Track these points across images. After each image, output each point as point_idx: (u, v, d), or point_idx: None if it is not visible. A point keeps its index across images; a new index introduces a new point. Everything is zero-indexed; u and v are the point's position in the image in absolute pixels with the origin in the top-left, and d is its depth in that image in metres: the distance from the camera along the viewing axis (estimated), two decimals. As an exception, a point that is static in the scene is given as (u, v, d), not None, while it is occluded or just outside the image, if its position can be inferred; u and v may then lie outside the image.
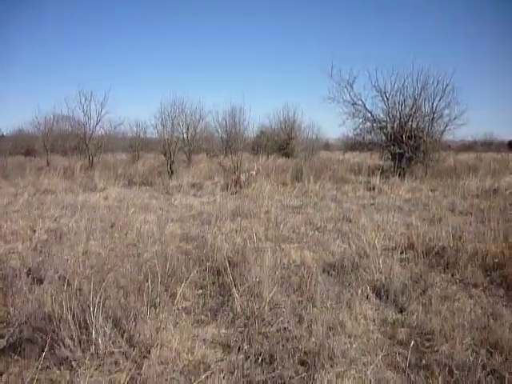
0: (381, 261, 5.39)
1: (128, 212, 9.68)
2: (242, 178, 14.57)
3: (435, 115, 17.81)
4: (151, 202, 11.98)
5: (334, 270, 5.48)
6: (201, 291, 4.81)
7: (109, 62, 53.63)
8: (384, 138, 18.14)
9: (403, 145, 17.00)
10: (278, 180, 15.21)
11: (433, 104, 17.51)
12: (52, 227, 8.47)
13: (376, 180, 14.64)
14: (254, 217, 9.47)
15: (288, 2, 56.32)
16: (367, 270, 5.21)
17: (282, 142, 32.22)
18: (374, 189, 13.93)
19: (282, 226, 8.31)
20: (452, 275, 5.35)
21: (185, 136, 29.69)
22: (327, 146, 39.89)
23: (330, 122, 48.32)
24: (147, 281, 4.86)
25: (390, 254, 5.94)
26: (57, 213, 9.66)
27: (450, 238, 6.42)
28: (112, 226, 8.31)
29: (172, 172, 16.66)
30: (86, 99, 21.60)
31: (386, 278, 4.91)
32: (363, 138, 18.61)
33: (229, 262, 5.48)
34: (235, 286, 4.57)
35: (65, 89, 53.77)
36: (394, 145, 17.25)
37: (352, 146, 19.28)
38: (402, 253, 6.16)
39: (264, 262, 5.49)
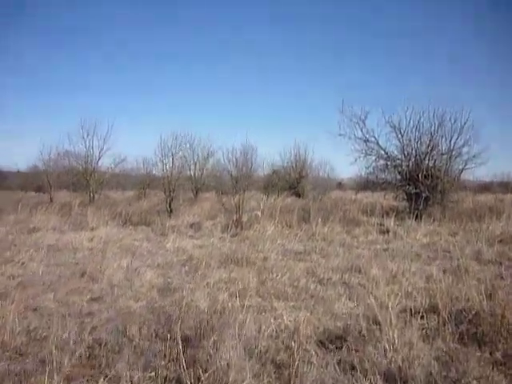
0: (396, 332, 4.14)
1: (108, 256, 8.57)
2: (244, 218, 13.44)
3: (453, 153, 16.64)
4: (141, 244, 10.85)
5: (333, 344, 4.24)
6: (153, 374, 3.60)
7: (113, 97, 53.44)
8: (399, 176, 16.96)
9: (419, 184, 15.79)
10: (283, 221, 14.05)
11: (450, 141, 16.37)
12: (15, 273, 7.36)
13: (390, 222, 13.41)
14: (249, 264, 8.29)
15: (297, 35, 55.81)
16: (378, 346, 3.97)
17: (292, 181, 31.23)
18: (387, 232, 12.67)
19: (279, 276, 7.10)
20: (491, 354, 4.07)
21: (192, 173, 29.07)
22: (340, 186, 38.83)
23: (343, 160, 46.89)
24: (88, 356, 3.71)
25: (407, 318, 4.68)
26: (27, 256, 8.56)
27: (483, 298, 5.17)
28: (83, 274, 7.17)
29: (171, 211, 15.57)
30: (88, 134, 20.89)
31: (403, 359, 3.65)
32: (376, 177, 17.44)
33: (200, 329, 4.29)
34: (196, 370, 3.36)
35: (69, 122, 53.56)
36: (409, 184, 16.05)
37: (365, 185, 18.11)
38: (422, 317, 4.91)
39: (246, 328, 4.30)
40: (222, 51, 56.54)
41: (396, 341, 3.98)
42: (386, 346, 3.92)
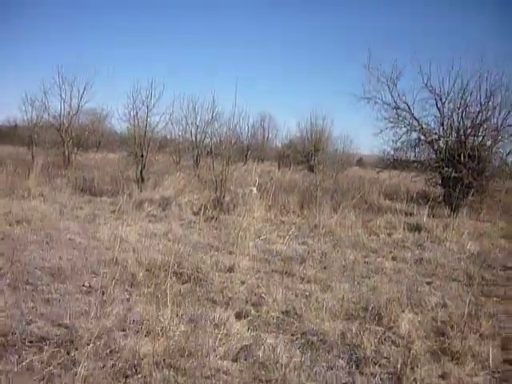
0: None
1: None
2: (228, 197, 10.17)
3: (505, 130, 12.96)
4: (69, 227, 7.67)
5: None
6: None
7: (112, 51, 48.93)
8: (434, 156, 13.38)
9: (461, 167, 12.24)
10: (281, 204, 10.75)
11: (507, 115, 12.67)
12: None
13: (423, 216, 9.98)
14: (198, 281, 5.07)
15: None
16: None
17: (306, 154, 27.80)
18: (419, 229, 9.27)
19: (223, 328, 3.83)
20: None
21: (193, 138, 25.74)
22: (361, 163, 35.13)
23: (365, 134, 41.96)
24: None
25: None
26: None
27: None
28: None
29: (143, 180, 12.31)
30: (63, 83, 17.54)
31: None
32: (405, 155, 13.89)
33: None
34: None
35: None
36: (447, 166, 12.50)
37: (390, 163, 14.53)
38: None
39: None
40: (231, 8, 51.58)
41: None
42: None
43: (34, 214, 8.17)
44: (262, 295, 4.67)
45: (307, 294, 4.80)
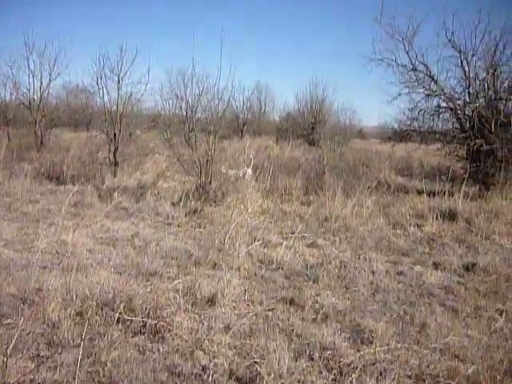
0: None
1: None
2: (217, 182, 8.25)
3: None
4: (1, 229, 5.80)
5: None
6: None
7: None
8: (458, 125, 11.43)
9: (493, 137, 10.31)
10: (281, 188, 8.86)
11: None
12: None
13: (458, 199, 8.03)
14: (156, 334, 3.22)
15: None
16: None
17: (306, 127, 25.70)
18: (455, 218, 7.39)
19: None
20: None
21: (183, 113, 23.70)
22: (361, 134, 32.91)
23: (369, 104, 38.90)
24: None
25: None
26: None
27: None
28: None
29: (116, 164, 10.34)
30: (31, 54, 15.38)
31: None
32: (423, 123, 11.86)
33: None
34: None
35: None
36: (476, 136, 10.57)
37: (406, 134, 12.52)
38: None
39: None
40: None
41: None
42: None
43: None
44: (256, 361, 2.82)
45: (329, 355, 2.94)
